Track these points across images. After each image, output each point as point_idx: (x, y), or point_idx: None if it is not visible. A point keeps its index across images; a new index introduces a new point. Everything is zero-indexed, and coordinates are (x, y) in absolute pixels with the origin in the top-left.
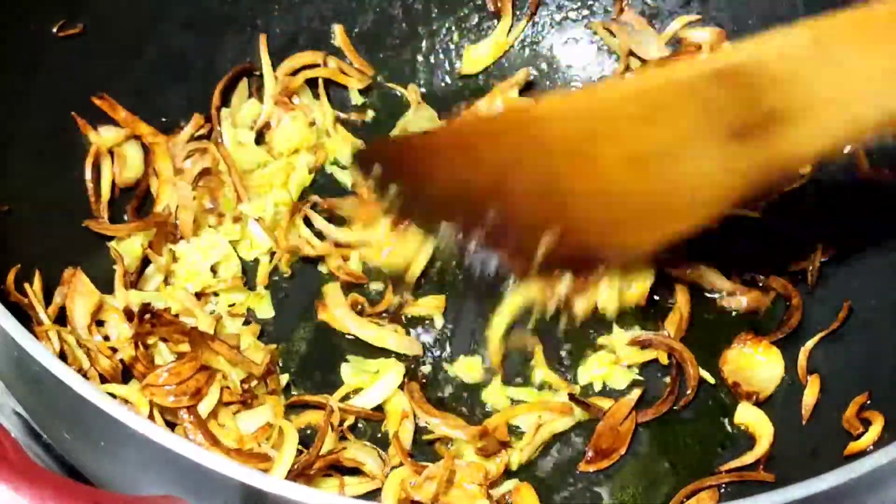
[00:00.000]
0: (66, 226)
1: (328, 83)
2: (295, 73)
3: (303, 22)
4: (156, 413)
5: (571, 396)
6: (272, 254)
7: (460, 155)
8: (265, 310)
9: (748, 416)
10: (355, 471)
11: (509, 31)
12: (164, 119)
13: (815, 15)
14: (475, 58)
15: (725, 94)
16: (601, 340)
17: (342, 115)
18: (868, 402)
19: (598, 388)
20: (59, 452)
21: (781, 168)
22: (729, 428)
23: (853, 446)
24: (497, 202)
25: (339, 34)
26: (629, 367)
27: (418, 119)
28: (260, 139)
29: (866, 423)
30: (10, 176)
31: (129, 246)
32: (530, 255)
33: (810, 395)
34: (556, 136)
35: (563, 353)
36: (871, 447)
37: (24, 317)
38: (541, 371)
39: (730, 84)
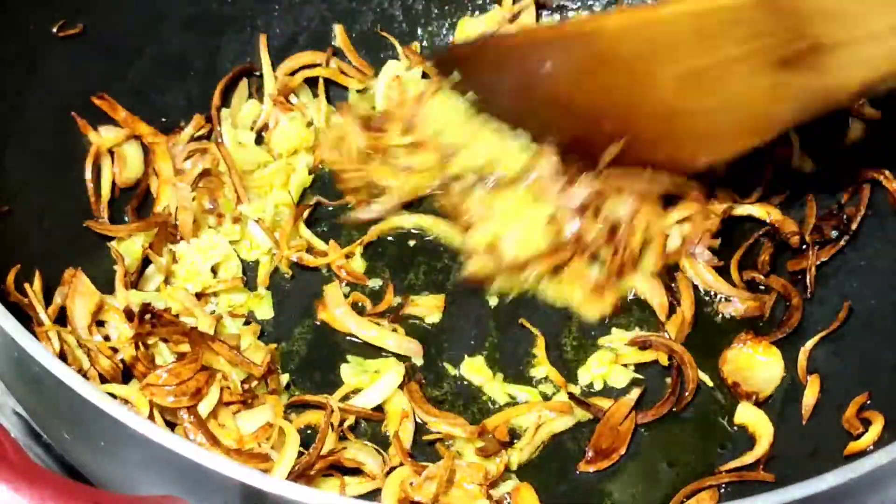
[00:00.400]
0: (66, 226)
1: (328, 83)
2: (294, 73)
3: (303, 22)
4: (156, 413)
5: (571, 396)
6: (272, 254)
7: (530, 59)
8: (265, 310)
9: (748, 416)
10: (356, 471)
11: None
12: (164, 119)
13: None
14: (470, 32)
15: (771, 22)
16: (601, 341)
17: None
18: (868, 402)
19: (598, 387)
20: (59, 452)
21: (825, 97)
22: (729, 428)
23: (853, 446)
24: (564, 111)
25: (339, 34)
26: (628, 366)
27: None
28: (260, 140)
29: (866, 423)
30: (10, 176)
31: (129, 246)
32: (595, 162)
33: (810, 395)
34: (618, 51)
35: (563, 353)
36: (871, 447)
37: (25, 317)
38: (542, 367)
39: (775, 12)
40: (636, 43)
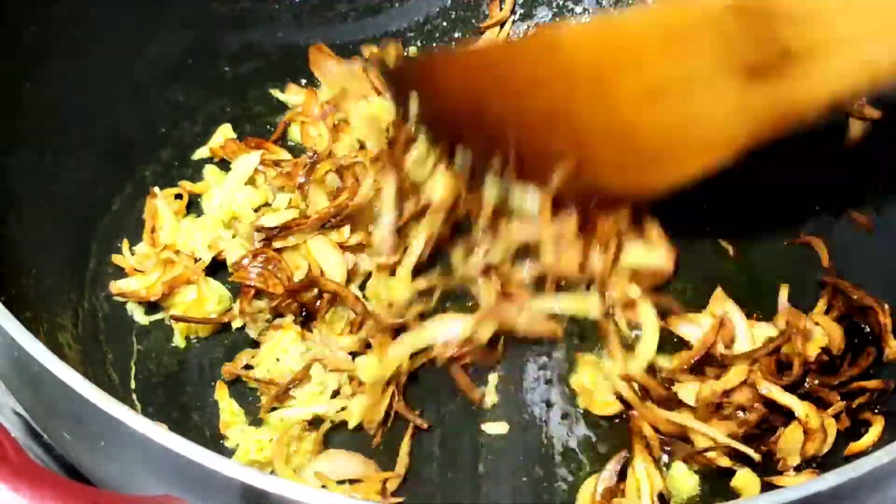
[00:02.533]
0: (66, 226)
1: None
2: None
3: (304, 22)
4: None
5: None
6: None
7: (484, 75)
8: None
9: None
10: None
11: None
12: (163, 120)
13: None
14: None
15: (741, 29)
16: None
17: None
18: (868, 402)
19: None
20: (59, 452)
21: (794, 109)
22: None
23: (853, 446)
24: (515, 127)
25: None
26: None
27: None
28: None
29: (866, 424)
30: (10, 176)
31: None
32: (544, 184)
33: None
34: (579, 62)
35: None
36: (871, 447)
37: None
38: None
39: (746, 19)
40: (598, 55)
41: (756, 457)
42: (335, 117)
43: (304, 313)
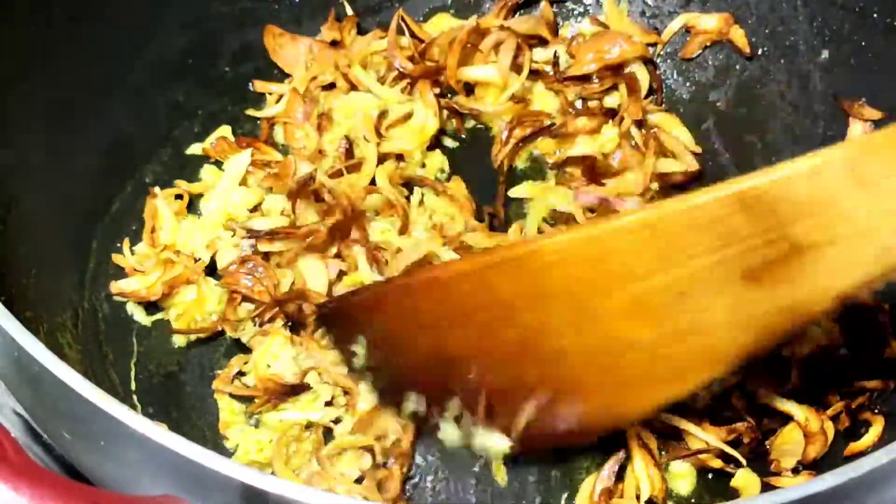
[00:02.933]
0: (66, 226)
1: None
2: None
3: (304, 21)
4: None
5: None
6: None
7: (445, 302)
8: None
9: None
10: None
11: None
12: (163, 120)
13: (815, 15)
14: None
15: (747, 223)
16: None
17: None
18: (867, 402)
19: None
20: (59, 452)
21: (799, 311)
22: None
23: (853, 446)
24: (481, 359)
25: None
26: None
27: None
28: None
29: (866, 424)
30: (11, 175)
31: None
32: (510, 424)
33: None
34: (556, 278)
35: None
36: (871, 447)
37: (24, 317)
38: None
39: (753, 211)
40: (580, 267)
41: (743, 461)
42: (316, 112)
43: (289, 324)
